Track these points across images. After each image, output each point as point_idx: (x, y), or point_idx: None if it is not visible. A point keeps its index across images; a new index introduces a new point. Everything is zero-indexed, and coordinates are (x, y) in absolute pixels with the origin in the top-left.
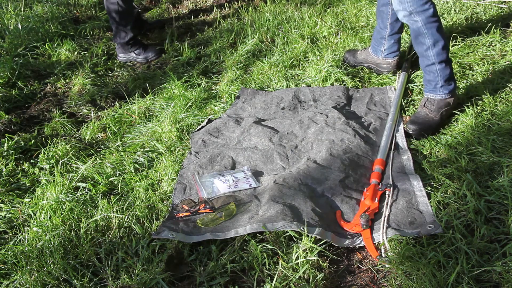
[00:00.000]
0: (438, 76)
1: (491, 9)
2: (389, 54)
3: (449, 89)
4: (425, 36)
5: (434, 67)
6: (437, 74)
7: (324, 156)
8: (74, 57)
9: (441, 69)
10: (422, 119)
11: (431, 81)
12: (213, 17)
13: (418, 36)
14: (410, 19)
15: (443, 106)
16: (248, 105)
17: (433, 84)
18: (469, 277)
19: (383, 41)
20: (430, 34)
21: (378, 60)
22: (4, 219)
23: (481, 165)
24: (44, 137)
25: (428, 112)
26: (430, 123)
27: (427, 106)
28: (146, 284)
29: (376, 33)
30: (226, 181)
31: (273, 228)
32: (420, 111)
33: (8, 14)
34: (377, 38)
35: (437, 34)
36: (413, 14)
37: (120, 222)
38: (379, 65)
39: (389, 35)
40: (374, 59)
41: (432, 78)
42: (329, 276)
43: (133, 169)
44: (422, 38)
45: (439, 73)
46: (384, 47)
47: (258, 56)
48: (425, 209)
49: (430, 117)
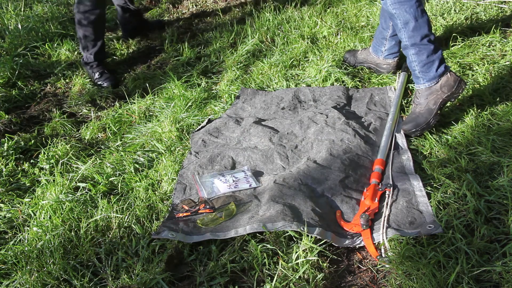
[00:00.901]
0: (414, 62)
1: (491, 9)
2: (389, 55)
3: (429, 76)
4: (395, 18)
5: (408, 51)
6: (412, 58)
7: (324, 156)
8: (74, 57)
9: (416, 53)
10: (412, 116)
11: (412, 69)
12: (213, 17)
13: (393, 19)
14: (382, 1)
15: (428, 95)
16: (248, 105)
17: (413, 71)
18: (469, 277)
19: (384, 42)
20: (400, 15)
21: (378, 60)
22: (4, 219)
23: (481, 165)
24: (44, 137)
25: (415, 106)
26: (420, 117)
27: (414, 101)
28: (146, 284)
29: (378, 33)
30: (226, 181)
31: (273, 228)
32: (412, 107)
33: (8, 14)
34: (378, 38)
35: (407, 14)
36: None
37: (120, 222)
38: (379, 65)
39: (391, 35)
40: (374, 59)
41: (409, 63)
42: (329, 276)
43: (133, 169)
44: (394, 20)
45: (414, 58)
46: (385, 48)
47: (258, 56)
48: (425, 209)
49: (417, 112)
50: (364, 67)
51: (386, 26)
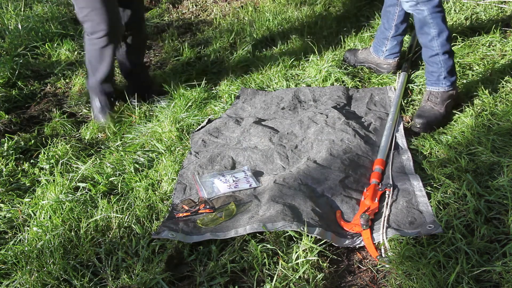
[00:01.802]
0: (442, 67)
1: (491, 9)
2: (390, 55)
3: (451, 81)
4: (430, 26)
5: (438, 57)
6: (441, 65)
7: (324, 156)
8: (74, 57)
9: (445, 60)
10: (428, 112)
11: (434, 73)
12: (213, 17)
13: (423, 26)
14: (416, 8)
15: (447, 99)
16: (248, 105)
17: (436, 76)
18: (469, 277)
19: (386, 42)
20: (436, 24)
21: (378, 60)
22: (4, 219)
23: (481, 165)
24: (44, 137)
25: (433, 105)
26: (437, 116)
27: (431, 99)
28: (146, 284)
29: (380, 33)
30: (226, 181)
31: (273, 228)
32: (425, 105)
33: (8, 14)
34: (380, 38)
35: (442, 24)
36: (419, 4)
37: (120, 222)
38: (379, 65)
39: (393, 36)
40: (374, 59)
41: (436, 70)
42: (329, 276)
43: (133, 169)
44: (427, 28)
45: (443, 63)
46: (386, 48)
47: (258, 56)
48: (425, 209)
49: (436, 110)
50: (364, 66)
51: (388, 27)
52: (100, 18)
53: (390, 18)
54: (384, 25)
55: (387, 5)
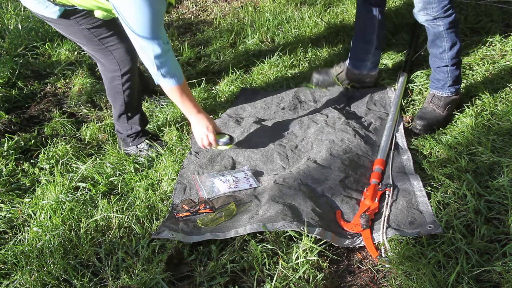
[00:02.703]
0: (448, 77)
1: (491, 9)
2: (374, 67)
3: (456, 88)
4: (444, 40)
5: (446, 68)
6: (448, 74)
7: (324, 156)
8: (74, 57)
9: (452, 71)
10: (430, 114)
11: (440, 80)
12: (213, 17)
13: (436, 40)
14: (433, 23)
15: (450, 103)
16: (248, 105)
17: (442, 83)
18: (469, 277)
19: (368, 56)
20: (449, 38)
21: (360, 75)
22: (4, 219)
23: (481, 165)
24: (44, 137)
25: (435, 107)
26: (438, 118)
27: (434, 101)
28: (146, 284)
29: (359, 48)
30: (226, 181)
31: (273, 228)
32: (427, 106)
33: (8, 14)
34: (360, 53)
35: (455, 38)
36: (437, 19)
37: (120, 222)
38: (362, 79)
39: (376, 48)
40: (355, 74)
41: (442, 78)
42: (329, 276)
43: (133, 169)
44: (440, 41)
45: (450, 74)
46: (369, 61)
47: (258, 56)
48: (425, 209)
49: (438, 112)
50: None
51: (368, 39)
52: None
53: (370, 30)
54: (363, 38)
55: (364, 18)
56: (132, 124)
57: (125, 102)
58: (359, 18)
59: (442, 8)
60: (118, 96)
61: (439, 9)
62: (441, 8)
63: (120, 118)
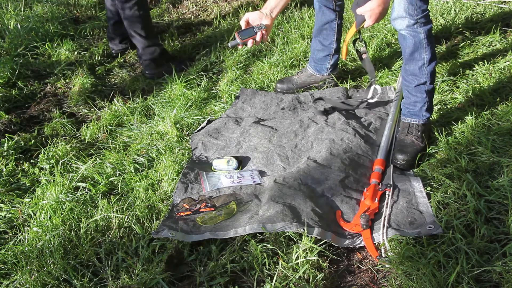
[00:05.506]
0: (426, 97)
1: (491, 9)
2: (334, 69)
3: (430, 113)
4: (424, 51)
5: (424, 87)
6: (426, 95)
7: (324, 156)
8: (74, 57)
9: (430, 90)
10: (411, 147)
11: (417, 103)
12: (213, 17)
13: (415, 52)
14: (413, 29)
15: (426, 131)
16: (248, 105)
17: (419, 107)
18: (469, 277)
19: (329, 58)
20: (429, 49)
21: (323, 77)
22: (4, 219)
23: (481, 165)
24: (44, 137)
25: (414, 139)
26: (419, 150)
27: (411, 132)
28: (146, 284)
29: (318, 52)
30: (231, 177)
31: (272, 229)
32: (404, 138)
33: (8, 14)
34: (319, 57)
35: (433, 49)
36: (417, 24)
37: (120, 222)
38: (324, 81)
39: (336, 49)
40: (317, 78)
41: (420, 100)
42: (329, 276)
43: (133, 169)
44: (419, 53)
45: (427, 94)
46: (330, 63)
47: (258, 56)
48: (425, 210)
49: (417, 144)
50: (304, 88)
51: (327, 43)
52: None
53: (329, 34)
54: (321, 43)
55: (322, 23)
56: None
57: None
58: (319, 25)
59: (422, 12)
60: (137, 20)
61: (420, 12)
62: (421, 12)
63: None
